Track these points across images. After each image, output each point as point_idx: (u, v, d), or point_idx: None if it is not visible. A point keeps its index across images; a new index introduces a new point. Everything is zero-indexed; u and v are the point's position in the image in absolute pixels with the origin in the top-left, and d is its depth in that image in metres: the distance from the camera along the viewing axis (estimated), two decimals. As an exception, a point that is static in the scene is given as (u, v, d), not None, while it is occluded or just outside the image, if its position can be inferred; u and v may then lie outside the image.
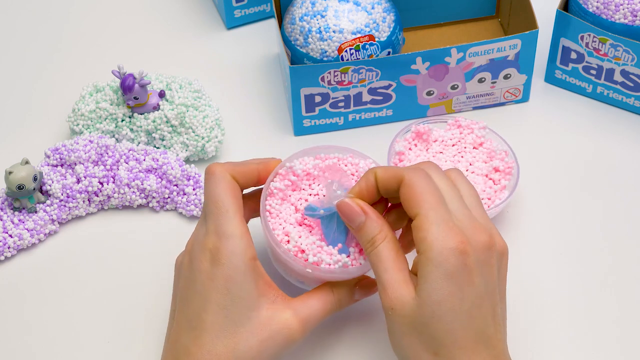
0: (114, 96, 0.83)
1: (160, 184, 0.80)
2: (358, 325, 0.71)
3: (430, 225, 0.59)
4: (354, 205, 0.62)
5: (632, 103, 0.86)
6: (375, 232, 0.61)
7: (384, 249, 0.61)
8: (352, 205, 0.62)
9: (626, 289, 0.73)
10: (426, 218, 0.59)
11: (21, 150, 0.85)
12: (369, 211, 0.62)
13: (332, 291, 0.65)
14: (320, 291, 0.65)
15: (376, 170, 0.63)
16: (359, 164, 0.69)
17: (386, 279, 0.60)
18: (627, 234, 0.77)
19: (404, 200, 0.61)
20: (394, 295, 0.59)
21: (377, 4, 0.82)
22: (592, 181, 0.81)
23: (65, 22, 1.00)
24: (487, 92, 0.86)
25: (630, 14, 0.81)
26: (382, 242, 0.61)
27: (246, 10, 0.96)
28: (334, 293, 0.65)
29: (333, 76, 0.81)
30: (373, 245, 0.61)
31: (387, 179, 0.62)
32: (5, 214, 0.78)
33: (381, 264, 0.60)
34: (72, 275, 0.76)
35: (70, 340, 0.72)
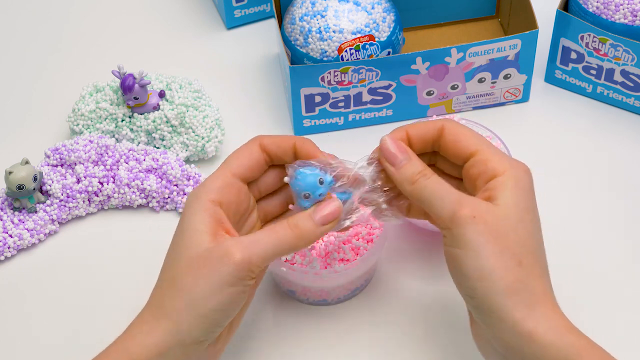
0: (114, 96, 0.83)
1: (160, 184, 0.80)
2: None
3: (496, 154, 0.60)
4: (400, 143, 0.62)
5: (632, 103, 0.86)
6: (422, 167, 0.61)
7: (438, 178, 0.60)
8: (398, 143, 0.62)
9: (626, 288, 0.73)
10: (489, 150, 0.60)
11: (21, 150, 0.85)
12: (411, 153, 0.62)
13: (286, 221, 0.61)
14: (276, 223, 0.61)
15: (406, 127, 0.63)
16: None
17: (456, 193, 0.59)
18: (627, 234, 0.77)
19: (454, 143, 0.61)
20: (474, 204, 0.58)
21: (377, 4, 0.82)
22: (592, 181, 0.81)
23: (65, 22, 1.00)
24: (487, 92, 0.86)
25: (630, 14, 0.81)
26: (433, 174, 0.60)
27: (246, 10, 0.96)
28: (287, 222, 0.61)
29: (333, 76, 0.81)
30: (425, 175, 0.60)
31: (425, 130, 0.62)
32: (5, 214, 0.78)
33: (443, 184, 0.59)
34: (72, 275, 0.76)
35: (70, 340, 0.72)
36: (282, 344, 0.71)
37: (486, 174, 0.59)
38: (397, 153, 0.61)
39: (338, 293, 0.72)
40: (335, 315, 0.72)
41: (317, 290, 0.71)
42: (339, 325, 0.72)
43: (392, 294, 0.73)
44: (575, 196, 0.80)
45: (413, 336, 0.70)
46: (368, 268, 0.71)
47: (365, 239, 0.70)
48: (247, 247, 0.58)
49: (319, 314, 0.73)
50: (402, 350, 0.70)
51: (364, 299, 0.73)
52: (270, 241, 0.59)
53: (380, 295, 0.73)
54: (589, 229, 0.78)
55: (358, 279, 0.72)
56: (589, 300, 0.73)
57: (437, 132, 0.62)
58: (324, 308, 0.73)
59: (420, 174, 0.60)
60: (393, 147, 0.61)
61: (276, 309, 0.73)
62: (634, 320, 0.72)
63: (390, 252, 0.76)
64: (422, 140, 0.63)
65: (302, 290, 0.72)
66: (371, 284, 0.74)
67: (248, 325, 0.71)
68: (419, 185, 0.60)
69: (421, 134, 0.62)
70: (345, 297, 0.73)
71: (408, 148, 0.62)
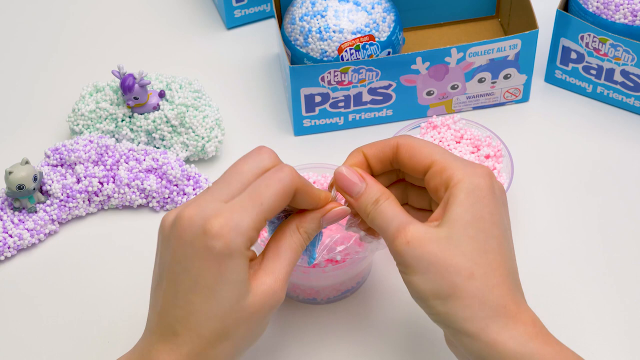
0: (114, 96, 0.83)
1: (160, 184, 0.80)
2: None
3: (452, 163, 0.59)
4: (353, 173, 0.61)
5: (632, 103, 0.86)
6: (378, 194, 0.60)
7: (390, 203, 0.59)
8: (352, 173, 0.61)
9: (626, 289, 0.73)
10: (444, 159, 0.59)
11: (21, 150, 0.85)
12: (367, 177, 0.61)
13: (298, 230, 0.60)
14: (286, 235, 0.60)
15: (362, 148, 0.62)
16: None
17: (396, 221, 0.58)
18: (627, 233, 0.77)
19: (409, 159, 0.60)
20: (409, 231, 0.57)
21: (377, 4, 0.82)
22: (592, 181, 0.81)
23: (65, 22, 1.00)
24: (487, 92, 0.86)
25: (630, 14, 0.81)
26: (387, 199, 0.60)
27: (246, 10, 0.96)
28: (299, 232, 0.60)
29: (333, 76, 0.81)
30: (377, 203, 0.60)
31: (380, 150, 0.62)
32: (5, 214, 0.78)
33: (387, 212, 0.59)
34: (72, 275, 0.76)
35: (70, 340, 0.72)
36: (268, 339, 0.71)
37: (442, 185, 0.59)
38: (352, 183, 0.61)
39: (328, 293, 0.72)
40: (324, 314, 0.72)
41: (307, 289, 0.71)
42: (327, 325, 0.72)
43: (384, 297, 0.73)
44: (575, 196, 0.80)
45: (401, 342, 0.70)
46: (358, 271, 0.71)
47: (357, 241, 0.70)
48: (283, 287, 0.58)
49: (308, 312, 0.73)
50: (386, 355, 0.70)
51: (355, 300, 0.73)
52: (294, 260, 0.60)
53: (371, 298, 0.73)
54: (589, 229, 0.78)
55: (349, 281, 0.72)
56: (591, 296, 0.73)
57: (392, 150, 0.61)
58: (313, 307, 0.73)
59: (373, 204, 0.60)
60: (348, 177, 0.61)
61: None
62: (633, 316, 0.72)
63: (386, 256, 0.76)
64: (380, 161, 0.62)
65: (292, 287, 0.72)
66: (364, 286, 0.74)
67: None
68: (370, 216, 0.60)
69: (378, 155, 0.62)
70: (335, 298, 0.73)
71: (365, 174, 0.61)
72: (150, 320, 0.59)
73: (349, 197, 0.61)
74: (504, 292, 0.56)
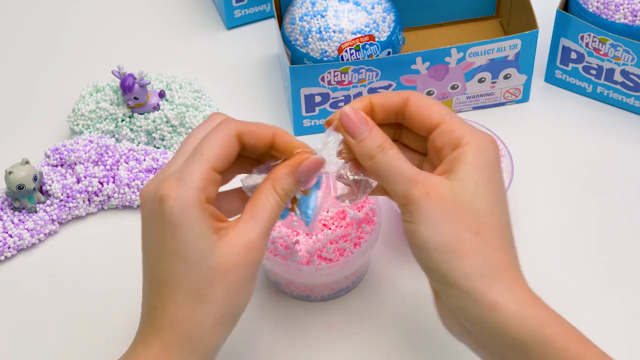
0: (114, 96, 0.83)
1: (160, 184, 0.80)
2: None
3: (460, 124, 0.59)
4: (359, 115, 0.59)
5: (632, 103, 0.86)
6: (382, 140, 0.59)
7: (396, 152, 0.59)
8: (357, 114, 0.59)
9: (626, 288, 0.73)
10: (454, 121, 0.59)
11: (21, 150, 0.84)
12: (371, 122, 0.60)
13: (274, 188, 0.59)
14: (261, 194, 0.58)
15: (370, 96, 0.61)
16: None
17: (410, 170, 0.58)
18: (627, 233, 0.77)
19: (418, 114, 0.60)
20: (428, 181, 0.57)
21: (377, 4, 0.82)
22: (592, 181, 0.81)
23: (65, 22, 1.00)
24: (487, 92, 0.86)
25: (630, 14, 0.81)
26: (392, 147, 0.59)
27: (246, 10, 0.96)
28: (275, 190, 0.59)
29: (333, 76, 0.81)
30: (383, 149, 0.58)
31: (389, 100, 0.61)
32: (5, 214, 0.78)
33: (399, 161, 0.58)
34: (72, 275, 0.76)
35: (70, 340, 0.72)
36: (261, 334, 0.71)
37: (450, 144, 0.59)
38: (358, 124, 0.59)
39: (322, 291, 0.72)
40: (317, 312, 0.72)
41: (301, 285, 0.71)
42: (320, 323, 0.72)
43: (379, 298, 0.73)
44: (575, 196, 0.80)
45: (395, 343, 0.70)
46: (353, 270, 0.71)
47: (353, 241, 0.70)
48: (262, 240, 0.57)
49: (302, 308, 0.73)
50: (378, 354, 0.70)
51: (350, 300, 0.73)
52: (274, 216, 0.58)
53: (367, 298, 0.73)
54: (589, 229, 0.78)
55: (343, 280, 0.72)
56: (591, 296, 0.73)
57: (402, 102, 0.60)
58: (308, 304, 0.73)
59: (379, 149, 0.58)
60: (354, 118, 0.59)
61: (262, 299, 0.73)
62: (633, 316, 0.72)
63: (384, 257, 0.76)
64: (385, 111, 0.61)
65: (287, 284, 0.72)
66: (360, 286, 0.74)
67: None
68: (377, 161, 0.58)
69: (385, 104, 0.61)
70: (329, 296, 0.73)
71: (369, 119, 0.60)
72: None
73: (350, 138, 0.59)
74: (505, 254, 0.57)
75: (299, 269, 0.69)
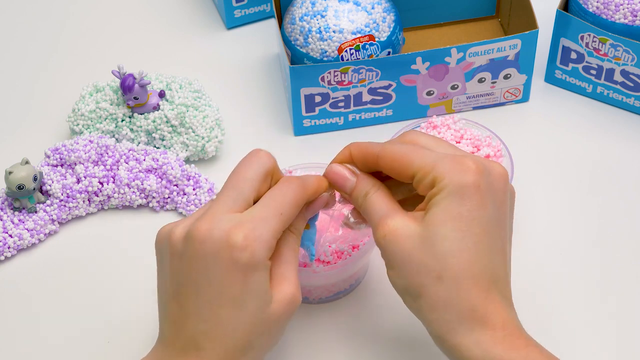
0: (114, 96, 0.83)
1: (160, 184, 0.80)
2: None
3: (433, 164, 0.57)
4: (344, 169, 0.62)
5: (632, 103, 0.86)
6: (368, 187, 0.60)
7: (378, 195, 0.60)
8: (342, 169, 0.62)
9: (626, 288, 0.73)
10: (425, 165, 0.58)
11: (21, 150, 0.84)
12: (358, 172, 0.62)
13: (290, 229, 0.60)
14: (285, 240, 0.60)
15: (350, 147, 0.62)
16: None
17: (380, 213, 0.58)
18: (627, 233, 0.77)
19: (391, 170, 0.60)
20: (389, 223, 0.57)
21: (377, 4, 0.82)
22: (592, 181, 0.81)
23: (65, 22, 1.00)
24: (487, 92, 0.86)
25: (630, 14, 0.81)
26: (376, 191, 0.60)
27: (246, 10, 0.96)
28: (291, 230, 0.60)
29: (333, 76, 0.81)
30: (367, 195, 0.60)
31: (364, 154, 0.61)
32: (5, 214, 0.78)
33: (374, 205, 0.59)
34: (72, 275, 0.76)
35: (70, 341, 0.72)
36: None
37: (427, 188, 0.58)
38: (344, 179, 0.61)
39: (319, 293, 0.72)
40: (314, 314, 0.72)
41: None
42: (317, 325, 0.72)
43: (377, 301, 0.73)
44: (575, 196, 0.80)
45: (391, 347, 0.70)
46: (350, 274, 0.71)
47: (351, 244, 0.70)
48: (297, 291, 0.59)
49: (300, 310, 0.72)
50: (373, 357, 0.70)
51: (348, 302, 0.73)
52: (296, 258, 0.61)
53: (364, 301, 0.73)
54: (589, 229, 0.78)
55: (341, 283, 0.71)
56: (591, 296, 0.73)
57: (374, 159, 0.61)
58: (306, 305, 0.73)
59: (364, 196, 0.60)
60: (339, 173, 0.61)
61: None
62: (633, 316, 0.72)
63: (382, 260, 0.76)
64: (364, 165, 0.62)
65: None
66: (358, 289, 0.74)
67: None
68: (362, 206, 0.61)
69: (362, 159, 0.62)
70: (327, 299, 0.73)
71: (354, 169, 0.62)
72: (165, 333, 0.59)
73: (343, 192, 0.62)
74: (474, 295, 0.56)
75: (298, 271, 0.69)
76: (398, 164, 0.59)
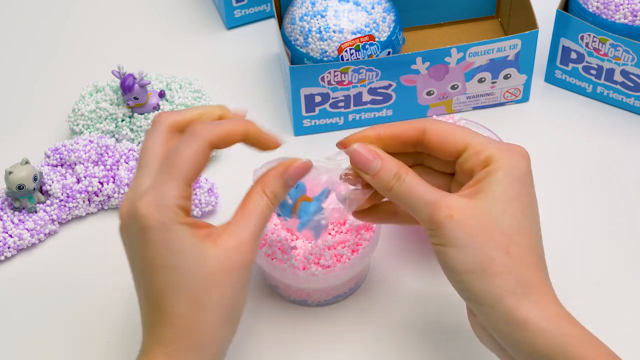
0: (114, 96, 0.83)
1: (160, 184, 0.80)
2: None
3: (487, 143, 0.59)
4: (368, 150, 0.60)
5: (632, 103, 0.86)
6: (396, 168, 0.59)
7: (413, 177, 0.59)
8: (366, 149, 0.60)
9: (626, 288, 0.73)
10: (479, 142, 0.59)
11: (21, 150, 0.84)
12: (381, 153, 0.60)
13: (264, 191, 0.59)
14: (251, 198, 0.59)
15: (381, 127, 0.62)
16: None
17: (431, 194, 0.58)
18: (627, 233, 0.77)
19: (440, 144, 0.60)
20: (449, 203, 0.57)
21: (377, 4, 0.82)
22: (592, 181, 0.81)
23: (65, 22, 1.00)
24: (487, 92, 0.86)
25: (630, 14, 0.81)
26: (408, 173, 0.59)
27: (246, 10, 0.96)
28: (265, 193, 0.59)
29: (333, 76, 0.81)
30: (400, 178, 0.59)
31: (404, 132, 0.61)
32: (5, 214, 0.78)
33: (417, 186, 0.59)
34: (72, 275, 0.76)
35: (70, 341, 0.72)
36: (255, 336, 0.71)
37: (479, 165, 0.59)
38: (368, 159, 0.60)
39: (318, 297, 0.72)
40: (313, 317, 0.72)
41: (298, 290, 0.71)
42: (316, 328, 0.72)
43: (377, 305, 0.73)
44: (575, 196, 0.80)
45: (390, 351, 0.70)
46: (350, 277, 0.71)
47: (351, 248, 0.70)
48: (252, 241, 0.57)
49: (298, 313, 0.73)
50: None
51: (347, 306, 0.73)
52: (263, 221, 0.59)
53: (364, 305, 0.73)
54: (589, 229, 0.78)
55: (340, 286, 0.71)
56: (590, 296, 0.73)
57: (419, 133, 0.61)
58: (304, 308, 0.73)
59: (395, 178, 0.59)
60: (363, 153, 0.60)
61: (259, 302, 0.73)
62: (634, 319, 0.72)
63: (383, 264, 0.76)
64: (401, 142, 0.62)
65: (284, 287, 0.72)
66: (358, 292, 0.74)
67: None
68: (395, 191, 0.59)
69: (400, 136, 0.61)
70: (326, 302, 0.73)
71: (379, 150, 0.61)
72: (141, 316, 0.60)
73: (365, 174, 0.60)
74: (536, 272, 0.57)
75: (295, 273, 0.69)
76: (449, 137, 0.60)
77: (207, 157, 0.58)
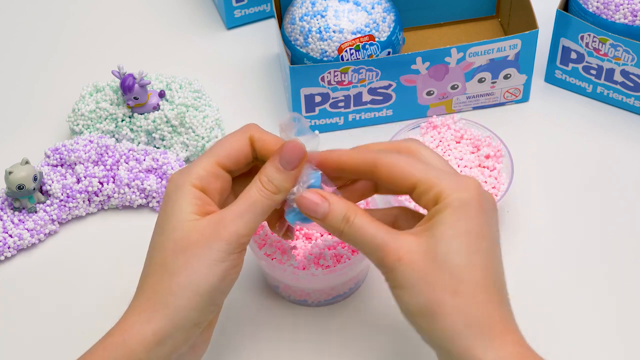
0: (114, 96, 0.83)
1: (160, 184, 0.80)
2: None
3: (436, 180, 0.57)
4: (314, 194, 0.60)
5: (632, 103, 0.86)
6: (344, 211, 0.59)
7: (362, 218, 0.58)
8: (312, 194, 0.60)
9: (626, 289, 0.73)
10: (428, 179, 0.58)
11: (21, 150, 0.85)
12: (328, 196, 0.60)
13: (259, 178, 0.60)
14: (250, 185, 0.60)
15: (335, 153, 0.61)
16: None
17: (379, 237, 0.57)
18: (627, 233, 0.77)
19: (390, 180, 0.59)
20: (398, 245, 0.56)
21: (377, 4, 0.82)
22: (592, 181, 0.81)
23: (65, 22, 1.00)
24: (487, 92, 0.86)
25: (630, 14, 0.81)
26: (356, 215, 0.59)
27: (246, 10, 0.96)
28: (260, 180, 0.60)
29: (333, 76, 0.81)
30: (348, 221, 0.59)
31: (356, 164, 0.60)
32: (5, 214, 0.78)
33: (366, 229, 0.58)
34: (72, 275, 0.76)
35: (70, 341, 0.72)
36: (255, 336, 0.71)
37: (431, 202, 0.58)
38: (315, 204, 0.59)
39: (318, 296, 0.72)
40: (313, 317, 0.72)
41: (298, 290, 0.71)
42: (315, 328, 0.72)
43: (377, 305, 0.73)
44: (575, 196, 0.80)
45: (388, 352, 0.70)
46: (350, 277, 0.71)
47: (351, 248, 0.70)
48: (233, 220, 0.59)
49: (298, 313, 0.73)
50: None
51: (347, 306, 0.73)
52: (252, 207, 0.60)
53: (364, 305, 0.73)
54: (589, 229, 0.78)
55: (340, 286, 0.71)
56: (591, 296, 0.73)
57: (369, 167, 0.60)
58: (305, 308, 0.73)
59: (344, 221, 0.59)
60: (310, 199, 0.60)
61: (260, 302, 0.73)
62: (634, 317, 0.72)
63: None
64: (354, 173, 0.61)
65: (284, 287, 0.72)
66: (358, 292, 0.74)
67: (230, 314, 0.72)
68: (345, 234, 0.59)
69: (352, 168, 0.61)
70: (326, 302, 0.73)
71: (327, 194, 0.60)
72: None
73: (314, 218, 0.60)
74: (490, 310, 0.55)
75: (295, 274, 0.69)
76: (399, 174, 0.59)
77: (245, 148, 0.62)
